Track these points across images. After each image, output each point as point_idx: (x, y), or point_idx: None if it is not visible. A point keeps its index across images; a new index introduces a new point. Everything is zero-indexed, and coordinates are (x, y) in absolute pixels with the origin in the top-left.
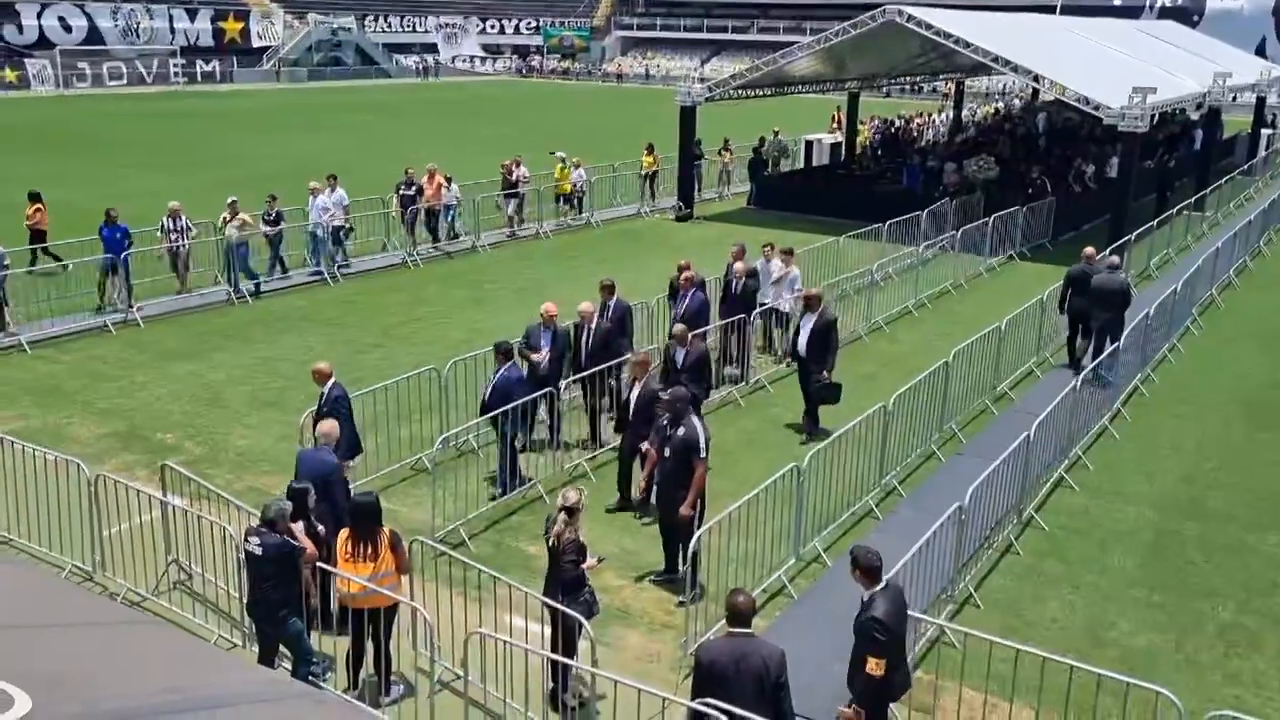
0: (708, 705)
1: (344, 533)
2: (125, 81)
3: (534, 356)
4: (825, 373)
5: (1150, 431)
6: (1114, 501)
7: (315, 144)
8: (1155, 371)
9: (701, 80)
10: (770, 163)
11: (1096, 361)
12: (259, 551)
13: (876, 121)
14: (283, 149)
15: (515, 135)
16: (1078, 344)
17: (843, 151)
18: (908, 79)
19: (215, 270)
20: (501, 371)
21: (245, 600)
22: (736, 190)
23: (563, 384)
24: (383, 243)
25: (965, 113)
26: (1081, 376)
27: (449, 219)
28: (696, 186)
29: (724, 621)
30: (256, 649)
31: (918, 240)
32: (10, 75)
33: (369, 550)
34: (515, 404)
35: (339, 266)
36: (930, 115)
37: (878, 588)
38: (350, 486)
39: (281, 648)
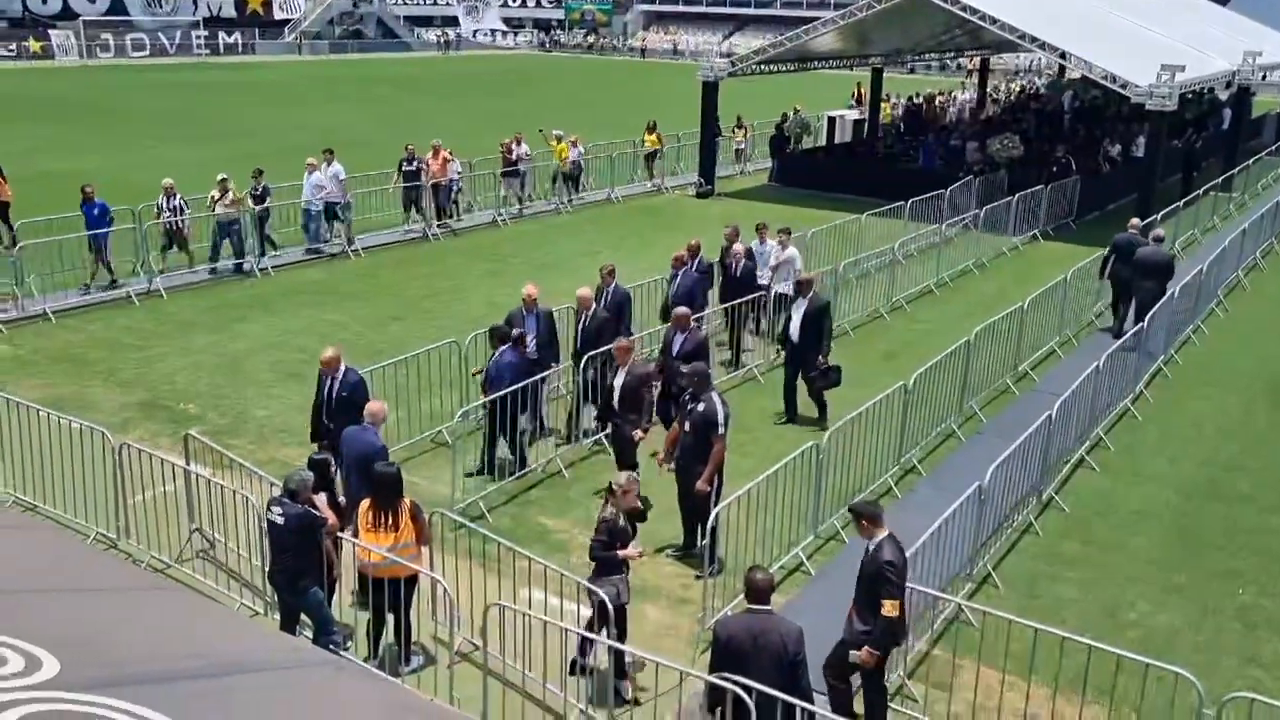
0: (725, 679)
1: (365, 503)
2: (148, 52)
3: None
4: (822, 357)
5: (1173, 413)
6: (1135, 483)
7: (336, 117)
8: (1179, 353)
9: (724, 55)
10: (792, 140)
11: (1136, 328)
12: (281, 521)
13: (900, 99)
14: (303, 121)
15: (534, 110)
16: (1120, 311)
17: (865, 129)
18: (932, 55)
19: (206, 247)
20: (495, 356)
21: (266, 569)
22: (758, 167)
23: (552, 371)
24: (403, 216)
25: (989, 90)
26: (1118, 344)
27: (451, 195)
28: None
29: (742, 597)
30: (278, 617)
31: (940, 219)
32: (35, 45)
33: (390, 521)
34: (505, 391)
35: (344, 242)
36: (952, 93)
37: (882, 535)
38: None
39: (303, 616)
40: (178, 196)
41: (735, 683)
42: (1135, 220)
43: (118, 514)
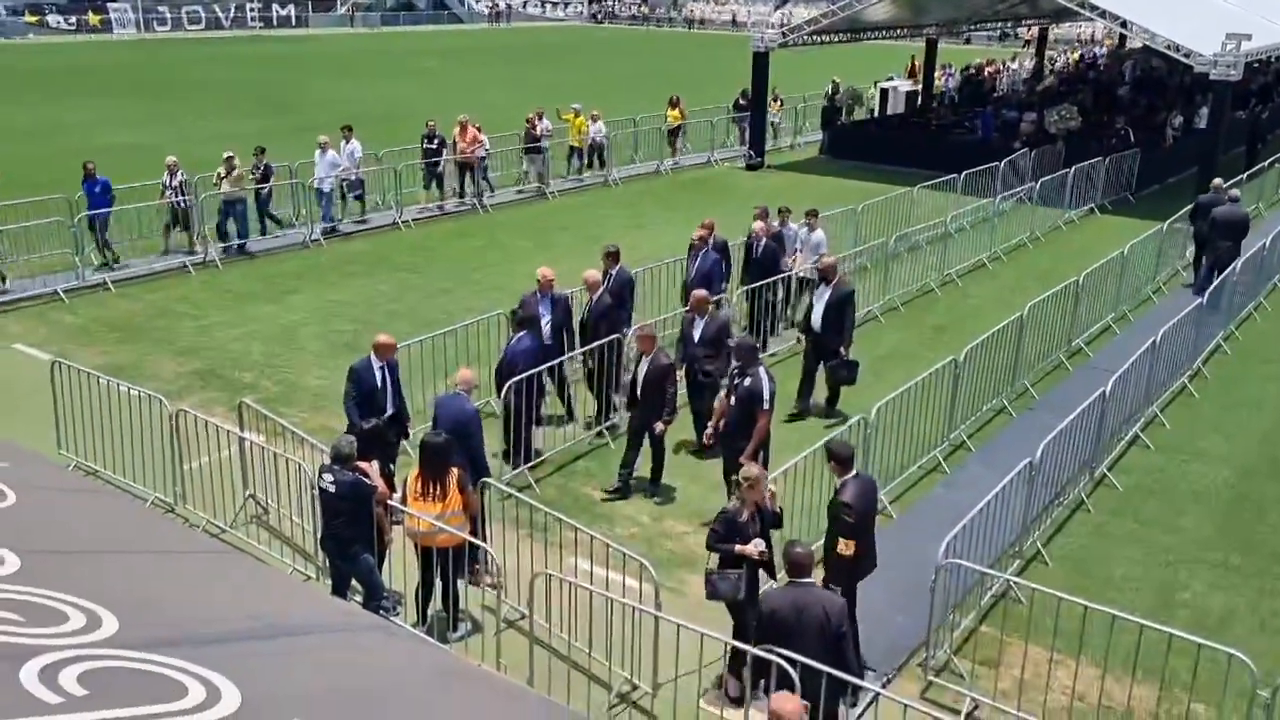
0: (770, 651)
1: (413, 472)
2: (203, 25)
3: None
4: (843, 349)
5: (1231, 390)
6: (1191, 461)
7: (386, 89)
8: (1239, 330)
9: (775, 25)
10: (844, 111)
11: (1215, 284)
12: (333, 489)
13: (953, 70)
14: (355, 95)
15: (585, 84)
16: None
17: (919, 100)
18: (989, 25)
19: (206, 227)
20: (514, 340)
21: (318, 535)
22: (809, 139)
23: (567, 357)
24: (453, 189)
25: (1046, 61)
26: (1195, 304)
27: (480, 172)
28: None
29: (784, 572)
30: (329, 582)
31: (994, 191)
32: (94, 19)
33: (438, 490)
34: (521, 376)
35: (355, 220)
36: (1004, 63)
37: (849, 475)
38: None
39: (354, 582)
40: (181, 174)
41: (779, 655)
42: (1218, 180)
43: (174, 479)
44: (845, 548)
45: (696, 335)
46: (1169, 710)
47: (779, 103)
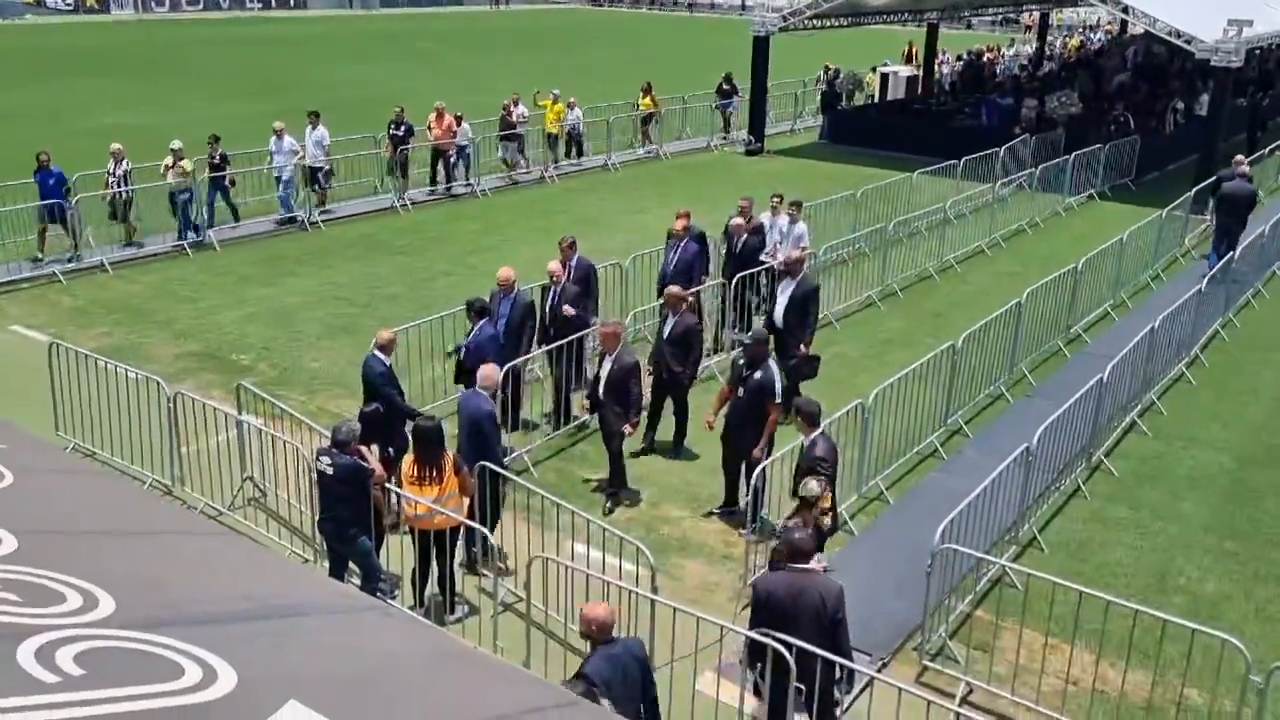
0: (765, 635)
1: (409, 456)
2: (201, 6)
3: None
4: (802, 346)
5: (1229, 377)
6: (1188, 447)
7: (384, 72)
8: (1237, 317)
9: (777, 10)
10: (844, 96)
11: (1220, 264)
12: (331, 471)
13: (950, 56)
14: (353, 77)
15: (583, 67)
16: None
17: (919, 86)
18: (990, 10)
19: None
20: (474, 331)
21: (316, 518)
22: (808, 125)
23: (523, 359)
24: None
25: (1046, 47)
26: (1194, 290)
27: (461, 160)
28: (730, 127)
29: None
30: (327, 565)
31: (994, 178)
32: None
33: (434, 474)
34: (518, 360)
35: (320, 211)
36: (1001, 49)
37: (816, 432)
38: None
39: (351, 565)
40: (125, 163)
41: (775, 639)
42: (1240, 156)
43: (172, 462)
44: (824, 500)
45: (666, 333)
46: (1163, 695)
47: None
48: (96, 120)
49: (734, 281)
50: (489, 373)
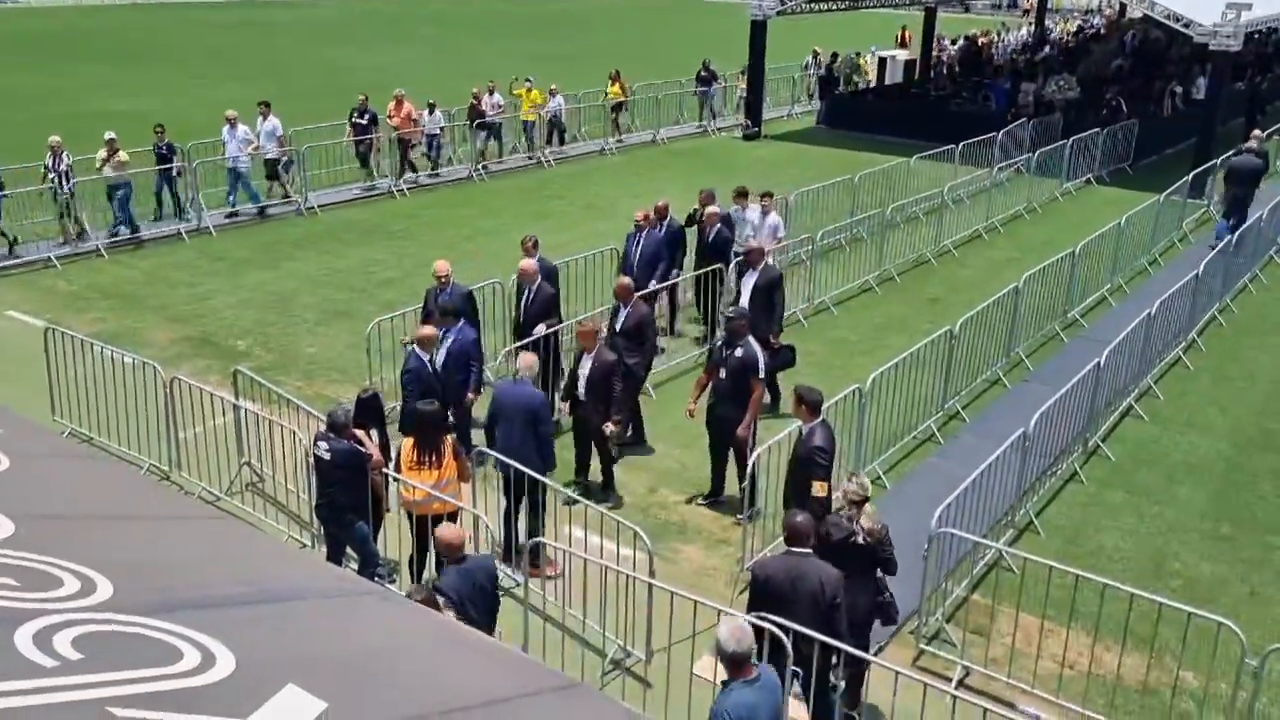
0: (763, 619)
1: (408, 441)
2: None
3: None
4: (772, 336)
5: (1225, 362)
6: (1184, 432)
7: (383, 56)
8: (1234, 302)
9: None
10: (842, 80)
11: (1236, 234)
12: (328, 456)
13: (947, 40)
14: (353, 62)
15: (582, 52)
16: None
17: (916, 70)
18: None
19: (101, 212)
20: (453, 334)
21: (313, 503)
22: (804, 110)
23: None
24: (449, 157)
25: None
26: (1215, 251)
27: (433, 149)
28: (715, 115)
29: (781, 540)
30: (324, 550)
31: (991, 162)
32: None
33: (433, 458)
34: (534, 337)
35: (283, 200)
36: (997, 33)
37: (816, 421)
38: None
39: (348, 550)
40: (66, 156)
41: (772, 622)
42: (1257, 132)
43: (169, 447)
44: (820, 489)
45: (619, 325)
46: (1158, 678)
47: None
48: (93, 105)
49: (705, 275)
50: (531, 361)
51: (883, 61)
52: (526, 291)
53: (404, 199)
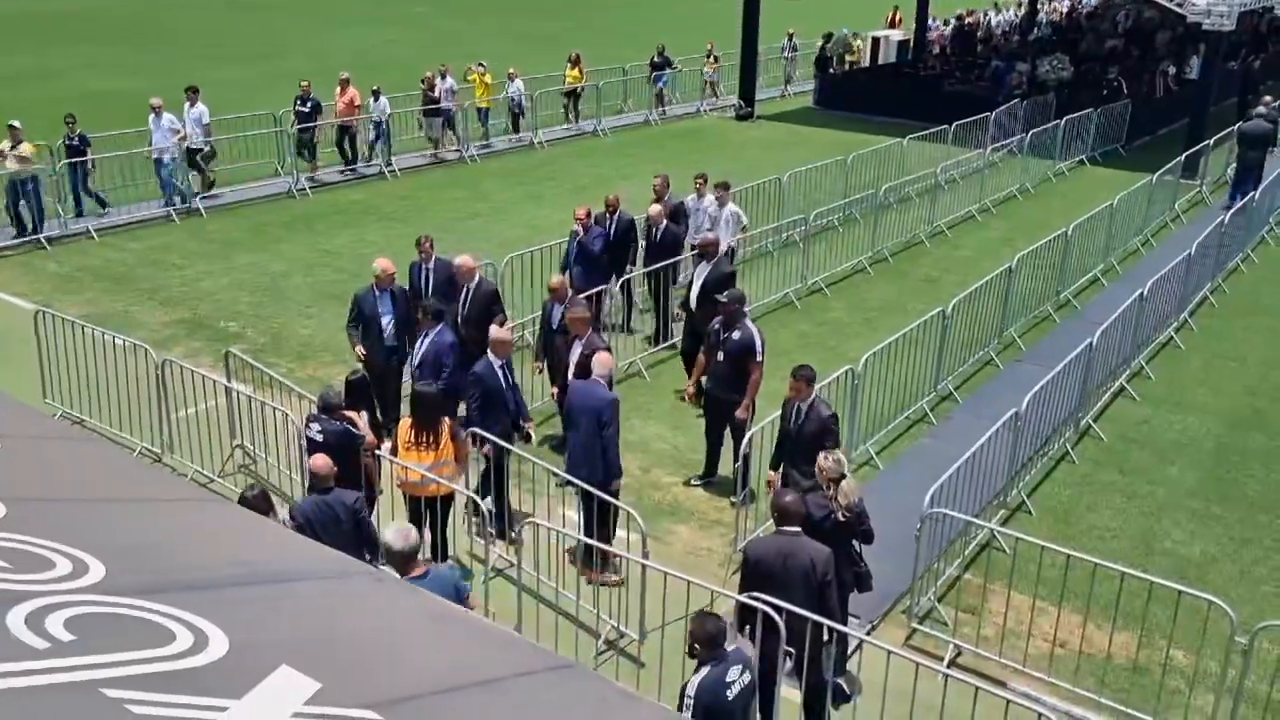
0: (755, 599)
1: (405, 422)
2: None
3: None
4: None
5: (1217, 342)
6: (1176, 412)
7: (373, 37)
8: (1226, 282)
9: None
10: (834, 60)
11: (1242, 203)
12: (320, 438)
13: (937, 22)
14: (344, 43)
15: (576, 32)
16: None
17: (910, 50)
18: None
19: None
20: (431, 336)
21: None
22: (799, 89)
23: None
24: (435, 140)
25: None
26: (1229, 214)
27: (376, 137)
28: (665, 101)
29: (772, 521)
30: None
31: (985, 143)
32: None
33: (430, 440)
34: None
35: (199, 197)
36: (985, 12)
37: (813, 395)
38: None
39: None
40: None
41: (765, 602)
42: (1268, 98)
43: (162, 429)
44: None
45: (555, 322)
46: (1149, 656)
47: (714, 59)
48: (84, 85)
49: (656, 273)
50: (606, 359)
51: (876, 41)
52: (466, 289)
53: (396, 180)
